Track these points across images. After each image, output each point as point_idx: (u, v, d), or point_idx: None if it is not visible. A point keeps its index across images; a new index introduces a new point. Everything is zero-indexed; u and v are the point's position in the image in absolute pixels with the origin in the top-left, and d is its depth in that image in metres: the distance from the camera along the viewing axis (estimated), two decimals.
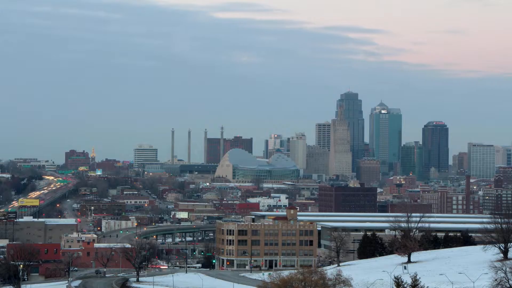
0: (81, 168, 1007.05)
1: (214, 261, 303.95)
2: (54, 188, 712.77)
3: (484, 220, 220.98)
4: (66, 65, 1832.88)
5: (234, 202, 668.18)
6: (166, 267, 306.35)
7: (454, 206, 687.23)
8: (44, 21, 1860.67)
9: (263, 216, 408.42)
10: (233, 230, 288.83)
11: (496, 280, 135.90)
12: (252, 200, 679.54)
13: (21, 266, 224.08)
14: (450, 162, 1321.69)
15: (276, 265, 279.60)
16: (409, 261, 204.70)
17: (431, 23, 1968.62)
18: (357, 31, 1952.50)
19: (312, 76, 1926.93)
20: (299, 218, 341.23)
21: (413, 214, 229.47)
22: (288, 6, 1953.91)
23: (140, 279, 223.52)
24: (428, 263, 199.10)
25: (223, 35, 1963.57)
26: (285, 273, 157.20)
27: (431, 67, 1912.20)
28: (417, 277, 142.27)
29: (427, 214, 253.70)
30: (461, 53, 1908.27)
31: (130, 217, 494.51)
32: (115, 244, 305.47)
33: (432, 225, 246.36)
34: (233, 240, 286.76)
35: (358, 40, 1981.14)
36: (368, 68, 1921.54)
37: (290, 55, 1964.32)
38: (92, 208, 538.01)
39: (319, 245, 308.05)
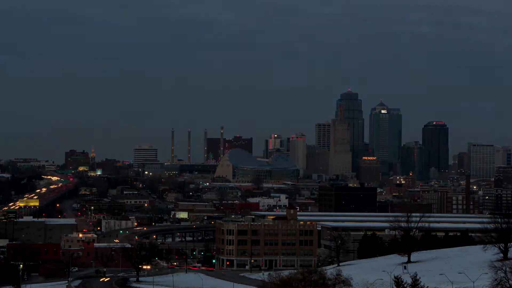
0: (81, 168, 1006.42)
1: (214, 261, 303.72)
2: (54, 188, 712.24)
3: (484, 220, 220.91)
4: (66, 65, 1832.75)
5: (234, 202, 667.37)
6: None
7: (454, 206, 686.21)
8: None
9: (263, 216, 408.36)
10: (233, 230, 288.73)
11: (496, 280, 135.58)
12: (252, 200, 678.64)
13: (21, 266, 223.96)
14: (450, 162, 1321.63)
15: (276, 265, 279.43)
16: (409, 261, 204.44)
17: None
18: None
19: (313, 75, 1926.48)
20: (299, 218, 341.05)
21: (413, 214, 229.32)
22: None
23: (140, 279, 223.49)
24: (428, 263, 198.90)
25: None
26: (285, 273, 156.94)
27: None
28: (417, 277, 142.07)
29: (427, 214, 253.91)
30: None
31: (130, 217, 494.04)
32: (115, 244, 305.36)
33: (432, 225, 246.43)
34: (233, 240, 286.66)
35: None
36: None
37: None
38: (92, 208, 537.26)
39: (319, 245, 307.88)
